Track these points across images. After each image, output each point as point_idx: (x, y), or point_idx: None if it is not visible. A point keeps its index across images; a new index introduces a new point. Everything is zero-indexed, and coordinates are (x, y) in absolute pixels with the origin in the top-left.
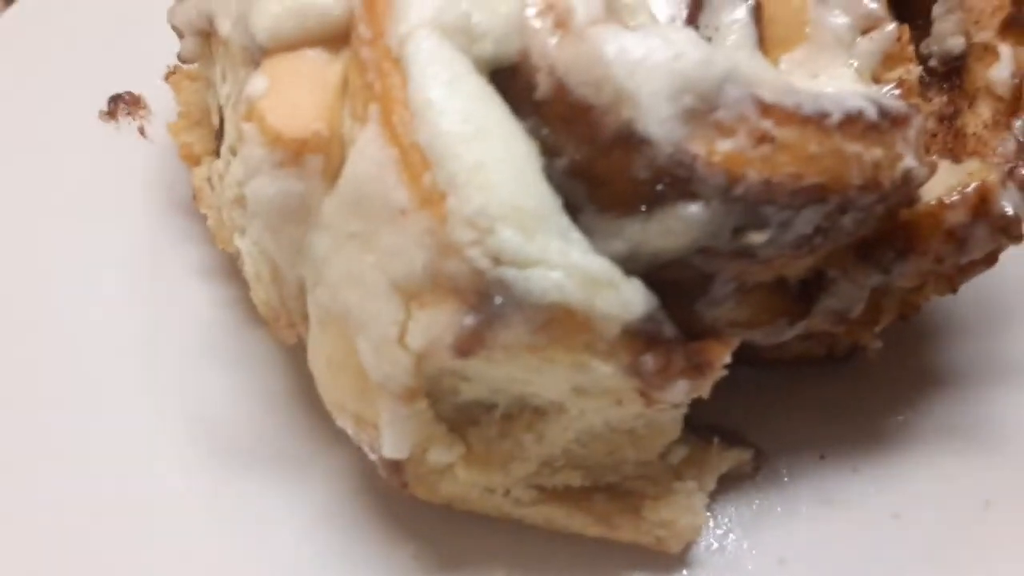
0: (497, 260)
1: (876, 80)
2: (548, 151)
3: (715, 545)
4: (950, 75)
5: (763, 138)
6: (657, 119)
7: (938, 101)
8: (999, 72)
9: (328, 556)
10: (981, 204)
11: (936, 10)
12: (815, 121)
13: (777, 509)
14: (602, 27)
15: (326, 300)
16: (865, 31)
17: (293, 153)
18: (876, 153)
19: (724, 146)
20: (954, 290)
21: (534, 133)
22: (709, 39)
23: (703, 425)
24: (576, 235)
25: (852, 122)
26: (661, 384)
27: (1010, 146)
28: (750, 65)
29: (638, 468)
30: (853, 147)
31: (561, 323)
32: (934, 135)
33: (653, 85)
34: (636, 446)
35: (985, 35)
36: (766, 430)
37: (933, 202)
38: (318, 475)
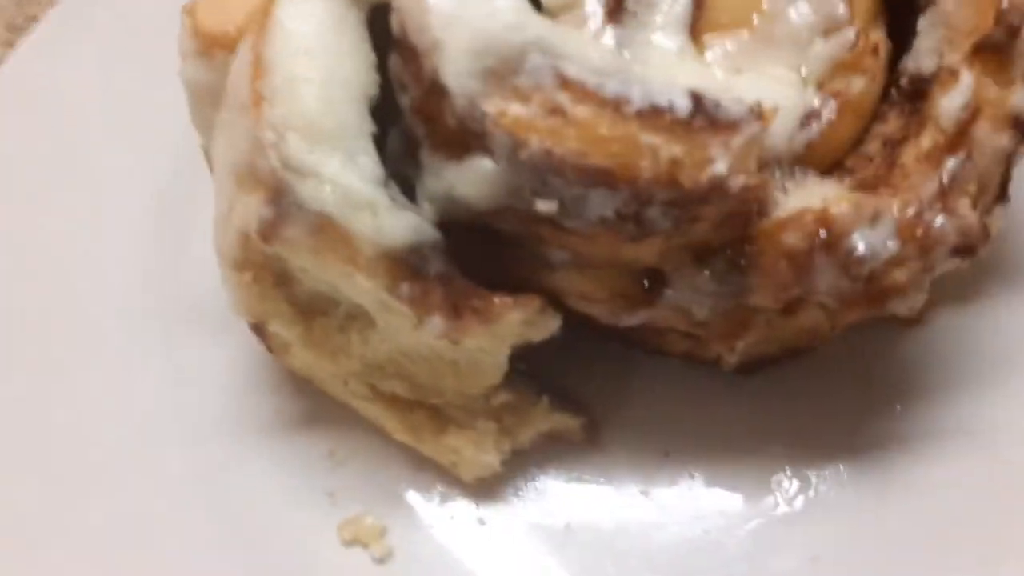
0: (286, 164)
1: (820, 87)
2: (402, 87)
3: (521, 489)
4: (914, 97)
5: (555, 110)
6: (456, 72)
7: (894, 124)
8: (950, 101)
9: (217, 395)
10: (829, 236)
11: (920, 23)
12: (613, 104)
13: (592, 484)
14: None
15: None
16: (826, 33)
17: (207, 46)
18: (676, 150)
19: (515, 110)
20: (831, 332)
21: (395, 68)
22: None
23: (555, 386)
24: (366, 160)
25: (656, 114)
26: (418, 314)
27: (931, 188)
28: (568, 39)
29: (459, 398)
30: (649, 138)
31: (328, 233)
32: (871, 159)
33: (460, 39)
34: (457, 378)
35: (954, 58)
36: (624, 413)
37: (780, 218)
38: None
